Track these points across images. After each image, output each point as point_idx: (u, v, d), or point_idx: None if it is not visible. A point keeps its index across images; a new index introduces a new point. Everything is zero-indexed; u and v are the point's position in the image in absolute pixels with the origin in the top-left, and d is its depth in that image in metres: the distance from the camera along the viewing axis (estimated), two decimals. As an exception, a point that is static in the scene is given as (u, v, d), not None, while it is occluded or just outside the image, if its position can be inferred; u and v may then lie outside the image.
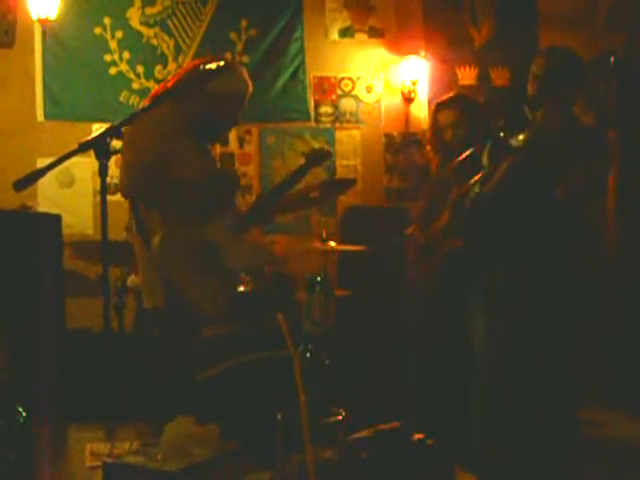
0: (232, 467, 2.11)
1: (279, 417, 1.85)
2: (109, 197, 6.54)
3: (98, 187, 5.31)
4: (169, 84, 3.50)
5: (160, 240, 3.03)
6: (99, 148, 2.77)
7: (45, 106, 6.29)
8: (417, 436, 2.00)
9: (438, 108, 4.62)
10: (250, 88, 3.56)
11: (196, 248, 3.10)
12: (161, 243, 3.02)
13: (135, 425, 3.40)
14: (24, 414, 1.87)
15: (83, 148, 2.79)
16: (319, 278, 2.74)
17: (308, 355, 2.07)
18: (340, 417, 1.89)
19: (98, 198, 6.04)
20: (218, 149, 6.49)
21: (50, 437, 3.27)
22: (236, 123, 3.68)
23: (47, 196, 6.14)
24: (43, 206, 6.08)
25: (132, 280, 5.29)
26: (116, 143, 2.87)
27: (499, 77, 6.88)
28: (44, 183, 6.01)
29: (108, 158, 2.79)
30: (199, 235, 3.12)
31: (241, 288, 3.16)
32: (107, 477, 2.14)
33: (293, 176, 3.59)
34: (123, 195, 3.36)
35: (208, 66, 3.16)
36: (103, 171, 2.80)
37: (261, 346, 2.74)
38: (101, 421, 3.22)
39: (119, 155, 6.21)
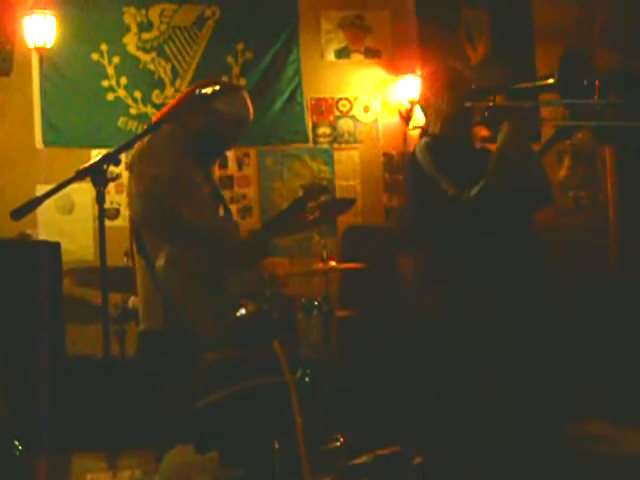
0: (233, 495, 2.10)
1: (276, 445, 1.83)
2: (109, 223, 6.60)
3: (97, 213, 5.31)
4: (170, 107, 3.53)
5: (165, 258, 3.02)
6: (96, 175, 2.78)
7: (44, 133, 6.30)
8: (417, 460, 1.97)
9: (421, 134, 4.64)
10: (251, 115, 3.60)
11: (199, 270, 3.09)
12: (166, 261, 3.01)
13: (137, 452, 3.37)
14: (20, 447, 1.85)
15: (80, 176, 2.81)
16: (316, 302, 2.73)
17: (307, 380, 2.06)
18: (338, 443, 1.86)
19: (98, 224, 6.02)
20: (217, 172, 6.50)
21: (48, 468, 3.24)
22: (229, 148, 3.73)
23: (47, 223, 6.14)
24: (43, 233, 6.08)
25: (133, 301, 5.25)
26: (114, 169, 2.88)
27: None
28: (44, 210, 6.00)
29: (105, 185, 2.80)
30: (202, 261, 3.12)
31: (242, 311, 3.15)
32: (107, 508, 2.12)
33: (289, 210, 3.59)
34: (135, 223, 3.36)
35: (215, 85, 3.19)
36: (100, 198, 2.81)
37: (261, 371, 2.73)
38: (103, 449, 3.19)
39: (118, 181, 6.27)
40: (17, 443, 1.84)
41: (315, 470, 1.76)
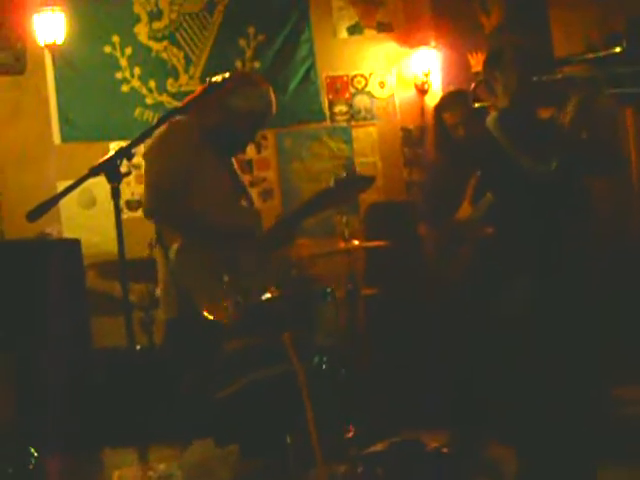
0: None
1: (289, 437, 1.83)
2: (131, 214, 6.58)
3: (121, 205, 5.28)
4: (188, 99, 3.51)
5: (178, 248, 3.05)
6: (110, 171, 2.79)
7: (61, 129, 6.31)
8: (432, 445, 1.96)
9: (441, 108, 4.60)
10: (273, 108, 3.57)
11: (212, 260, 3.10)
12: (178, 251, 3.04)
13: (162, 447, 3.39)
14: (36, 455, 1.85)
15: (94, 173, 2.83)
16: (329, 289, 2.73)
17: (324, 367, 2.06)
18: (352, 432, 1.86)
19: (123, 215, 6.06)
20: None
21: (75, 465, 3.27)
22: (253, 140, 3.70)
23: (70, 218, 6.17)
24: (67, 228, 6.12)
25: (158, 291, 5.28)
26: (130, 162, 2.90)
27: (512, 61, 6.79)
28: (66, 206, 6.05)
29: (120, 180, 2.83)
30: (215, 251, 3.13)
31: (267, 295, 3.15)
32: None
33: (318, 199, 3.56)
34: (145, 214, 3.43)
35: (230, 81, 3.18)
36: (115, 194, 2.84)
37: (278, 360, 2.73)
38: (129, 444, 3.21)
39: (138, 172, 6.28)
40: (32, 450, 1.84)
41: (329, 459, 1.76)
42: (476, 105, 4.20)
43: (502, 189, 3.69)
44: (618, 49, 3.30)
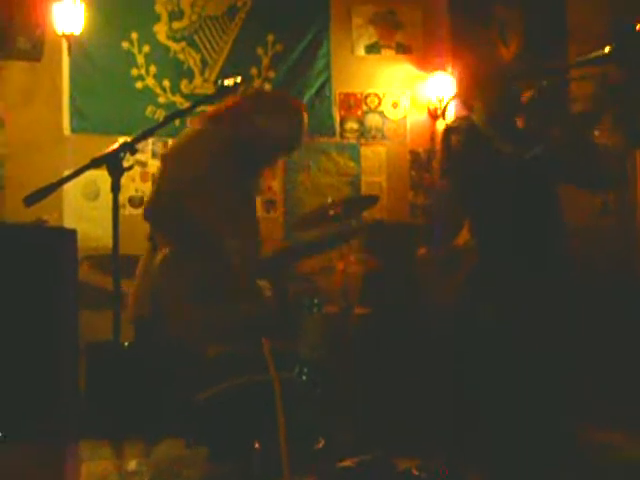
0: (220, 491, 2.09)
1: (257, 446, 1.81)
2: (133, 210, 6.55)
3: (124, 200, 5.37)
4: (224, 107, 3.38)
5: (164, 257, 2.98)
6: (112, 164, 2.78)
7: (72, 119, 6.33)
8: (403, 466, 1.95)
9: (451, 130, 4.61)
10: (301, 141, 3.44)
11: (197, 282, 3.00)
12: (164, 260, 2.97)
13: (136, 442, 3.37)
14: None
15: (95, 163, 2.82)
16: (316, 300, 2.71)
17: (304, 378, 2.04)
18: (321, 445, 1.84)
19: (125, 211, 6.07)
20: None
21: (44, 456, 3.25)
22: (270, 164, 3.58)
23: (73, 209, 6.18)
24: (69, 219, 6.12)
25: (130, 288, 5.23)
26: (138, 157, 2.88)
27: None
28: (69, 196, 6.06)
29: (121, 174, 2.80)
30: (205, 270, 3.03)
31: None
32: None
33: (329, 240, 3.47)
34: (144, 214, 3.34)
35: (269, 102, 3.11)
36: (115, 187, 2.82)
37: (258, 368, 2.71)
38: (110, 437, 3.19)
39: (143, 170, 6.23)
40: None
41: (298, 471, 1.75)
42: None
43: (485, 209, 3.71)
44: (607, 49, 3.26)
